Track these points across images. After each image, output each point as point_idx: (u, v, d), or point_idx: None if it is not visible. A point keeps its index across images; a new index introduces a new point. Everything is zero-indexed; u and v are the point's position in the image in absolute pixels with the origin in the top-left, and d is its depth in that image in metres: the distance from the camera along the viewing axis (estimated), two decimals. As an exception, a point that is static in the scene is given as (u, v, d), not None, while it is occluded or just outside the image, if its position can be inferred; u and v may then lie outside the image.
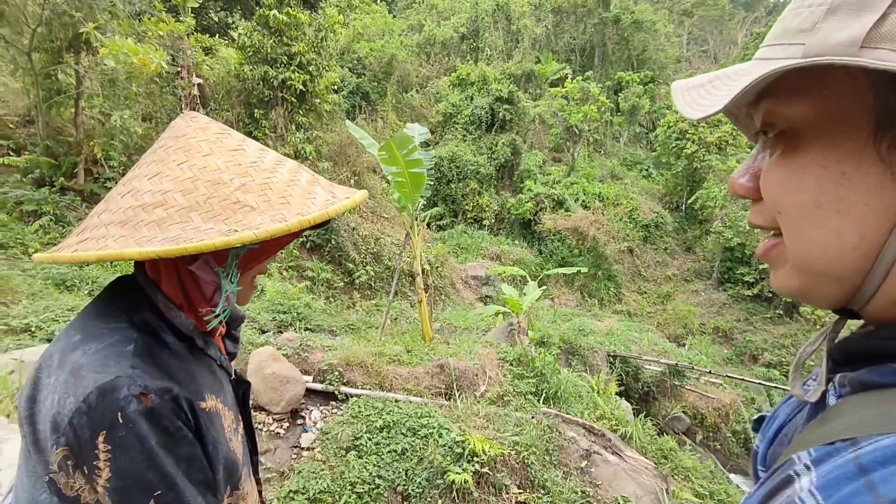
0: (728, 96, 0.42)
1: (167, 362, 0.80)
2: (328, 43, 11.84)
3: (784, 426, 0.60)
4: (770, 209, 0.48)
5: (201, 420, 0.81)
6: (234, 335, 1.10)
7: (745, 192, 0.51)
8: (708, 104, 0.44)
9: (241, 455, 0.95)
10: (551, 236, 16.51)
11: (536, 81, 23.32)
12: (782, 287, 0.50)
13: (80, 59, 7.88)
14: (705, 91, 0.48)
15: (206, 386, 0.87)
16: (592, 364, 7.80)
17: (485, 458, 3.82)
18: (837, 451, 0.40)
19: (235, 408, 1.00)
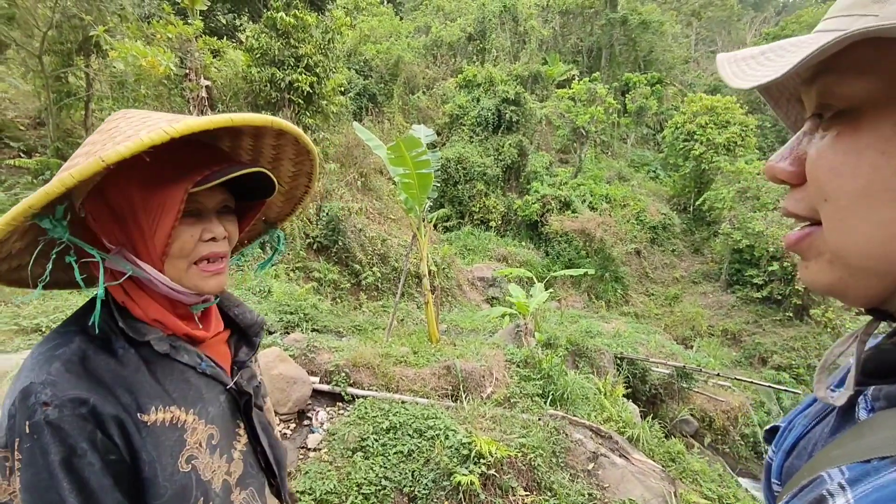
0: (789, 64, 0.38)
1: (102, 370, 0.74)
2: (335, 45, 11.88)
3: (801, 438, 0.57)
4: (813, 196, 0.45)
5: (134, 436, 0.73)
6: (253, 342, 1.02)
7: (786, 176, 0.47)
8: (762, 73, 0.41)
9: (225, 475, 0.85)
10: (558, 238, 16.46)
11: (543, 83, 23.28)
12: (814, 281, 0.47)
13: (90, 61, 7.97)
14: (756, 63, 0.44)
15: (162, 396, 0.79)
16: (599, 366, 7.76)
17: (491, 459, 3.80)
18: (876, 470, 0.38)
19: (231, 420, 0.91)
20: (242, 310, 1.04)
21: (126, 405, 0.74)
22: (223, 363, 0.94)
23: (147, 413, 0.76)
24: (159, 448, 0.76)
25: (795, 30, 28.37)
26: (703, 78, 32.50)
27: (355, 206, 11.56)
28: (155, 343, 0.80)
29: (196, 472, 0.80)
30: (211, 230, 0.83)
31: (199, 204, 0.82)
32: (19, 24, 7.36)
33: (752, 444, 8.97)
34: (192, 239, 0.81)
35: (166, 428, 0.78)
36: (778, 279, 14.59)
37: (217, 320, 0.97)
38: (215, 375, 0.89)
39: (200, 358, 0.87)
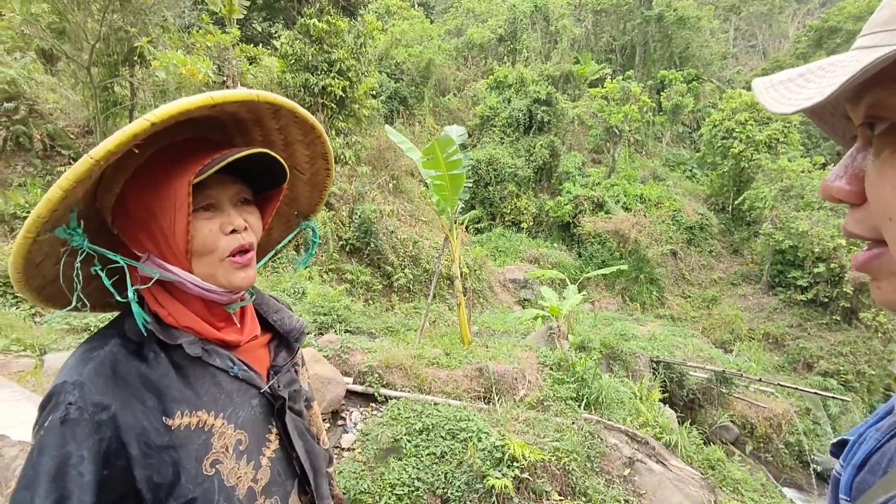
0: (834, 84, 0.37)
1: (131, 375, 0.76)
2: (367, 49, 12.04)
3: (874, 452, 0.55)
4: (876, 215, 0.43)
5: (156, 441, 0.74)
6: (293, 347, 1.02)
7: (844, 195, 0.45)
8: (804, 97, 0.40)
9: (251, 482, 0.85)
10: (591, 239, 16.22)
11: (575, 82, 23.02)
12: (888, 301, 0.45)
13: (134, 72, 8.29)
14: (796, 86, 0.43)
15: (189, 400, 0.79)
16: (635, 370, 7.61)
17: (525, 463, 3.77)
18: None
19: (263, 425, 0.90)
20: (282, 315, 1.03)
21: (151, 409, 0.75)
22: (259, 367, 0.94)
23: (172, 417, 0.77)
24: (184, 451, 0.77)
25: (839, 21, 27.22)
26: (743, 73, 31.52)
27: (387, 209, 11.66)
28: (187, 347, 0.82)
29: (220, 476, 0.80)
30: (230, 222, 0.83)
31: (213, 198, 0.82)
32: (69, 37, 7.72)
33: (797, 452, 8.63)
34: (212, 233, 0.81)
35: (192, 432, 0.78)
36: (824, 281, 14.01)
37: (253, 324, 0.97)
38: (248, 379, 0.89)
39: (233, 362, 0.88)
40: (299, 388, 1.03)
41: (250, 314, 0.98)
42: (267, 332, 1.01)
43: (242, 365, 0.89)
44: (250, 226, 0.86)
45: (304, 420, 1.02)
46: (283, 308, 1.06)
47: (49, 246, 0.75)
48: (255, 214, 0.88)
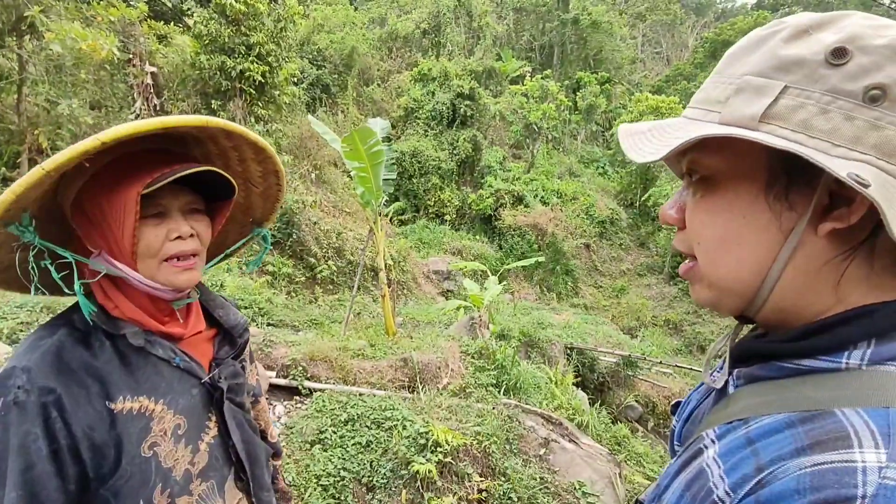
0: (666, 148, 0.52)
1: (75, 362, 0.82)
2: (288, 34, 11.62)
3: (696, 409, 0.72)
4: (690, 239, 0.59)
5: (99, 423, 0.81)
6: (236, 342, 1.09)
7: (674, 221, 0.62)
8: (648, 151, 0.54)
9: (187, 465, 0.91)
10: (511, 232, 16.79)
11: (497, 78, 23.56)
12: (699, 298, 0.61)
13: (23, 43, 7.49)
14: (645, 138, 0.57)
15: (131, 387, 0.86)
16: (551, 356, 8.05)
17: (448, 448, 3.93)
18: (734, 428, 0.53)
19: (202, 413, 0.97)
20: (226, 311, 1.11)
21: (94, 394, 0.82)
22: (202, 359, 1.00)
23: (114, 402, 0.83)
24: (125, 434, 0.83)
25: (731, 35, 29.88)
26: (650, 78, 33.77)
27: (309, 199, 11.40)
28: (130, 337, 0.88)
29: (157, 458, 0.86)
30: (177, 229, 0.89)
31: (163, 206, 0.89)
32: (-58, 0, 6.85)
33: (691, 427, 9.52)
34: (158, 238, 0.87)
35: (133, 416, 0.85)
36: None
37: (198, 320, 1.04)
38: (189, 369, 0.96)
39: (175, 352, 0.94)
40: (243, 381, 1.08)
41: (196, 310, 1.04)
42: (213, 328, 1.08)
43: (184, 356, 0.95)
44: (198, 233, 0.93)
45: (247, 413, 1.08)
46: (229, 305, 1.13)
47: (3, 237, 0.79)
48: (203, 223, 0.95)
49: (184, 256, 0.90)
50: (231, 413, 1.01)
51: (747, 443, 0.49)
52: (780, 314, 0.55)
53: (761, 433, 0.49)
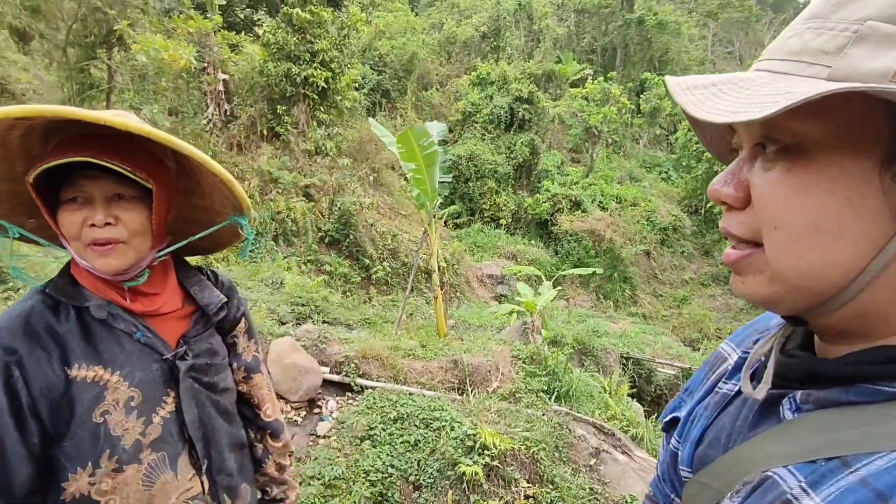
0: (774, 105, 0.40)
1: (40, 327, 0.90)
2: (350, 41, 12.00)
3: (707, 428, 0.62)
4: (761, 222, 0.48)
5: (56, 385, 0.88)
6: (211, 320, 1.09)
7: (731, 200, 0.50)
8: (724, 108, 0.43)
9: (138, 435, 0.94)
10: (568, 237, 16.48)
11: (557, 82, 23.26)
12: (751, 294, 0.51)
13: (112, 54, 8.15)
14: (710, 94, 0.46)
15: (87, 355, 0.91)
16: (605, 365, 7.84)
17: (495, 451, 3.91)
18: (831, 472, 0.42)
19: (160, 388, 0.99)
20: (201, 288, 1.11)
21: (54, 358, 0.89)
22: (168, 336, 1.03)
23: (71, 368, 0.90)
24: (78, 399, 0.89)
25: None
26: (719, 79, 32.13)
27: (367, 201, 11.68)
28: (94, 309, 0.94)
29: (106, 426, 0.91)
30: (91, 217, 0.90)
31: (83, 191, 0.90)
32: (45, 16, 7.56)
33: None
34: (74, 224, 0.90)
35: (87, 384, 0.90)
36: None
37: (173, 298, 1.06)
38: (151, 345, 0.99)
39: (136, 327, 0.98)
40: (220, 362, 1.11)
41: (171, 288, 1.07)
42: (193, 306, 1.09)
43: (147, 331, 0.99)
44: (121, 220, 0.93)
45: (218, 393, 1.10)
46: (207, 284, 1.13)
47: None
48: (130, 211, 0.94)
49: (99, 243, 0.92)
50: (190, 391, 1.03)
51: (877, 497, 0.38)
52: (860, 320, 0.46)
53: (892, 482, 0.38)
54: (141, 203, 0.95)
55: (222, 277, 1.21)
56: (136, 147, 0.91)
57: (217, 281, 1.19)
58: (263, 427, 1.26)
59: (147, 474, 0.95)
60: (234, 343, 1.20)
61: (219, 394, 1.11)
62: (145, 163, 0.92)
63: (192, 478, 1.03)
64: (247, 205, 1.07)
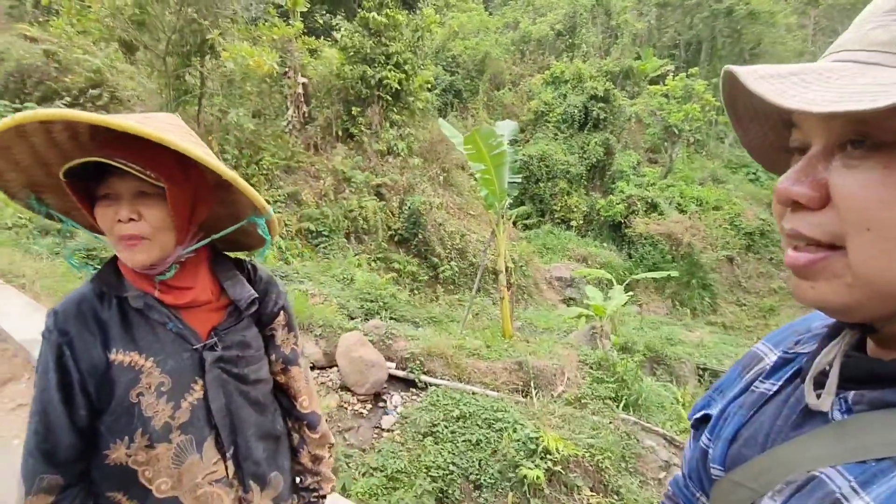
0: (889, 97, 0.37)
1: (88, 313, 1.00)
2: (424, 42, 12.20)
3: (741, 427, 0.61)
4: (843, 223, 0.44)
5: (99, 366, 0.98)
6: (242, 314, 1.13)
7: (807, 200, 0.47)
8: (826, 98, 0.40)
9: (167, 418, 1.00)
10: (642, 240, 15.82)
11: (635, 79, 22.38)
12: (823, 300, 0.48)
13: (204, 62, 8.76)
14: (792, 83, 0.43)
15: (125, 342, 1.00)
16: (679, 375, 7.45)
17: (558, 456, 3.82)
18: (882, 472, 0.42)
19: (189, 376, 1.04)
20: (234, 283, 1.14)
21: (98, 342, 0.99)
22: (200, 327, 1.08)
23: (111, 352, 0.99)
24: (117, 380, 0.98)
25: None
26: (818, 72, 29.59)
27: (436, 201, 11.81)
28: (131, 299, 1.02)
29: (140, 407, 0.99)
30: (117, 213, 0.97)
31: (112, 188, 0.96)
32: (148, 29, 8.25)
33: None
34: (106, 219, 0.97)
35: (124, 368, 0.99)
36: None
37: (203, 290, 1.10)
38: (181, 335, 1.05)
39: (169, 318, 1.04)
40: (252, 353, 1.15)
41: (203, 283, 1.11)
42: (227, 298, 1.14)
43: (179, 322, 1.05)
44: (144, 217, 0.97)
45: (249, 384, 1.14)
46: (240, 279, 1.16)
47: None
48: (153, 208, 0.98)
49: (125, 237, 0.97)
50: (217, 381, 1.08)
51: None
52: None
53: None
54: (163, 200, 0.99)
55: (261, 272, 1.24)
56: (159, 149, 0.93)
57: (255, 275, 1.22)
58: (300, 418, 1.29)
59: (176, 454, 1.02)
60: (273, 335, 1.23)
61: (249, 385, 1.14)
62: (163, 163, 0.95)
63: (216, 462, 1.08)
64: (261, 204, 1.08)
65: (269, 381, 1.22)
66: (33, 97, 9.58)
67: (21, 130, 0.89)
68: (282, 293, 1.26)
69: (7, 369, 3.66)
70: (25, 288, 4.90)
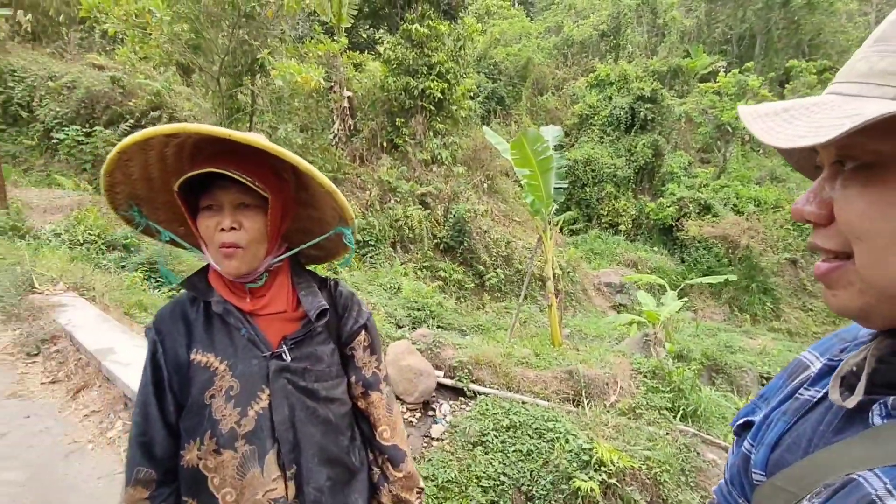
0: (837, 129, 0.43)
1: (180, 316, 1.08)
2: (466, 51, 12.25)
3: (785, 433, 0.62)
4: (845, 234, 0.51)
5: (183, 364, 1.04)
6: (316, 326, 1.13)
7: (814, 217, 0.54)
8: (795, 134, 0.47)
9: (234, 423, 1.01)
10: (695, 244, 15.23)
11: (684, 77, 21.68)
12: (843, 307, 0.53)
13: (254, 80, 9.11)
14: (782, 120, 0.50)
15: (205, 343, 1.06)
16: (741, 385, 7.09)
17: (613, 468, 3.69)
18: None
19: (257, 383, 1.04)
20: (307, 294, 1.15)
21: (183, 342, 1.05)
22: (273, 336, 1.09)
23: (192, 352, 1.05)
24: (195, 379, 1.04)
25: None
26: (885, 61, 27.77)
27: (481, 208, 11.79)
28: (213, 305, 1.07)
29: (210, 409, 1.02)
30: (220, 222, 1.02)
31: (215, 199, 1.02)
32: (203, 52, 8.65)
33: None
34: (208, 228, 1.02)
35: (201, 368, 1.04)
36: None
37: (279, 300, 1.13)
38: (252, 341, 1.07)
39: (242, 324, 1.07)
40: (323, 368, 1.13)
41: (279, 291, 1.14)
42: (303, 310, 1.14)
43: (251, 329, 1.08)
44: (243, 227, 1.03)
45: (318, 401, 1.11)
46: (314, 290, 1.16)
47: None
48: (252, 217, 1.04)
49: (225, 245, 1.02)
50: (282, 392, 1.06)
51: None
52: None
53: None
54: (261, 212, 1.04)
55: (342, 288, 1.23)
56: (259, 163, 1.02)
57: (335, 290, 1.22)
58: (380, 450, 1.22)
59: (240, 463, 1.02)
60: (353, 355, 1.20)
61: (318, 402, 1.11)
62: (265, 176, 1.02)
63: (276, 479, 1.04)
64: (350, 215, 1.11)
65: (346, 403, 1.18)
66: (101, 121, 10.25)
67: (146, 144, 0.97)
68: (364, 312, 1.23)
69: (81, 378, 3.88)
70: (95, 300, 5.20)
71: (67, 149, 10.06)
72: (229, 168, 0.96)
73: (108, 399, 3.60)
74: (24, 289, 5.15)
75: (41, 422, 3.38)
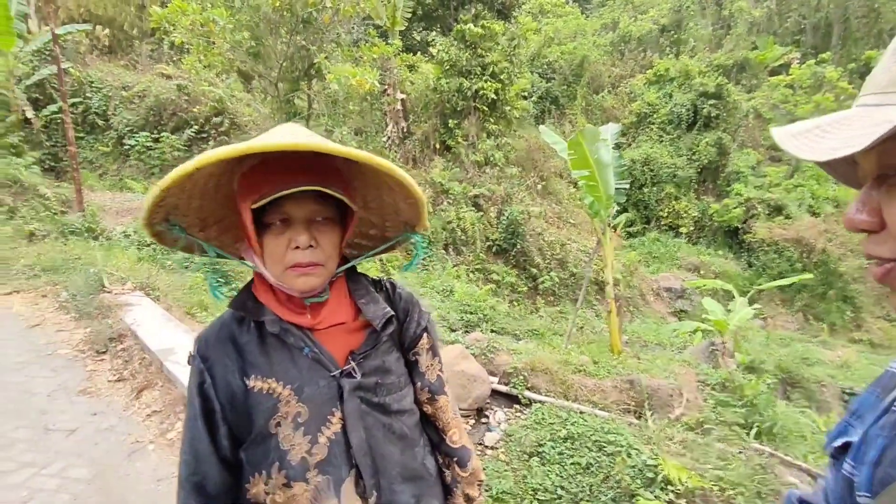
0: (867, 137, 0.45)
1: (228, 338, 0.97)
2: (520, 50, 12.05)
3: (886, 449, 0.60)
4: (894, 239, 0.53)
5: (238, 392, 0.93)
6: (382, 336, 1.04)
7: (868, 226, 0.56)
8: (829, 146, 0.49)
9: (304, 453, 0.92)
10: (765, 247, 14.34)
11: (752, 71, 20.51)
12: None
13: (311, 85, 9.31)
14: (815, 136, 0.52)
15: (263, 368, 0.94)
16: (820, 400, 6.55)
17: (681, 488, 3.43)
18: None
19: (327, 406, 0.96)
20: (368, 301, 1.06)
21: (236, 368, 0.94)
22: (338, 351, 1.00)
23: (249, 378, 0.94)
24: (256, 408, 0.93)
25: None
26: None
27: (535, 210, 11.56)
28: (268, 324, 0.96)
29: (277, 438, 0.92)
30: (295, 239, 0.92)
31: (288, 214, 0.92)
32: (262, 58, 8.92)
33: None
34: (279, 246, 0.92)
35: (262, 395, 0.93)
36: None
37: (338, 312, 1.03)
38: (318, 360, 0.97)
39: (304, 342, 0.97)
40: (393, 380, 1.04)
41: (335, 301, 1.03)
42: (366, 319, 1.04)
43: (314, 347, 0.97)
44: (319, 243, 0.94)
45: (391, 415, 1.03)
46: (375, 297, 1.08)
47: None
48: (329, 232, 0.96)
49: (302, 265, 0.93)
50: (357, 412, 0.98)
51: None
52: None
53: None
54: (336, 225, 0.98)
55: (401, 290, 1.16)
56: (331, 171, 0.93)
57: (394, 293, 1.14)
58: (450, 454, 1.17)
59: (314, 496, 0.93)
60: (416, 361, 1.13)
61: (391, 416, 1.04)
62: (343, 186, 0.94)
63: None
64: (425, 224, 1.04)
65: (415, 413, 1.12)
66: (168, 127, 10.78)
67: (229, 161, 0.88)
68: (424, 314, 1.16)
69: (144, 377, 4.01)
70: (159, 300, 5.41)
71: (138, 154, 10.65)
72: (315, 182, 0.88)
73: (169, 399, 3.69)
74: (96, 288, 5.42)
75: (106, 419, 3.51)
